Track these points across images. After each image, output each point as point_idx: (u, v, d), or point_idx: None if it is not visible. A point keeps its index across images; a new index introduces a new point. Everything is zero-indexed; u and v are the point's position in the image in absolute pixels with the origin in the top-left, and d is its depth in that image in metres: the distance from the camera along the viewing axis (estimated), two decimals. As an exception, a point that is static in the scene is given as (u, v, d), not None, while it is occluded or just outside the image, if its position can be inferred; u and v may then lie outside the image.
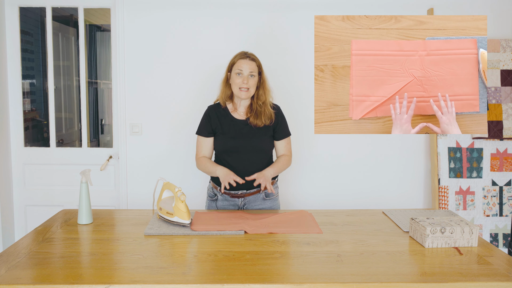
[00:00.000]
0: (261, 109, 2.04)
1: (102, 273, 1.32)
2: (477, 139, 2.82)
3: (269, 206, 2.13)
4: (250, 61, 2.00)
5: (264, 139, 2.07)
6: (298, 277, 1.31)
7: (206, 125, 2.09)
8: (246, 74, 1.99)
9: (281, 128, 2.12)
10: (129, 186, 2.87)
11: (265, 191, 2.11)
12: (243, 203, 2.09)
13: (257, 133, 2.05)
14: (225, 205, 2.11)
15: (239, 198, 2.09)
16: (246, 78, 1.99)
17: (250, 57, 2.02)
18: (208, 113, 2.11)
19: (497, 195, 2.83)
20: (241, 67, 1.99)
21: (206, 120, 2.10)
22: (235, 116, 2.08)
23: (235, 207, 2.11)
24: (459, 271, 1.36)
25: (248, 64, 1.99)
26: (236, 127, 2.06)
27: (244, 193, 2.08)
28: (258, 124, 2.04)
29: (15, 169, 2.90)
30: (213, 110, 2.11)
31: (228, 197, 2.10)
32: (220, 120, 2.08)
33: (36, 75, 3.51)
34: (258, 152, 2.06)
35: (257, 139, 2.05)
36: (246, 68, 1.99)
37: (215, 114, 2.09)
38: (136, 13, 2.74)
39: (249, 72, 1.99)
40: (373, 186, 2.91)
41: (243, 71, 1.99)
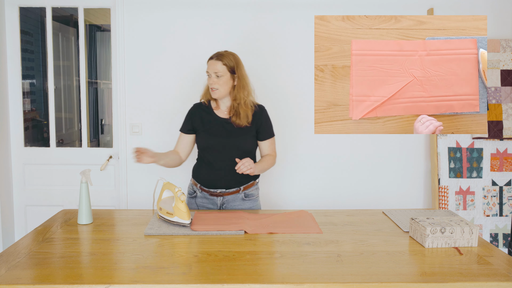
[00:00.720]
0: (240, 109, 2.04)
1: (102, 273, 1.32)
2: (477, 139, 2.82)
3: (249, 206, 2.12)
4: (215, 62, 2.00)
5: (246, 138, 2.06)
6: (298, 277, 1.31)
7: (187, 122, 2.13)
8: (212, 75, 2.01)
9: (265, 128, 2.11)
10: (129, 186, 2.87)
11: (244, 192, 2.10)
12: (222, 202, 2.09)
13: (239, 132, 2.05)
14: (204, 203, 2.11)
15: (217, 196, 2.09)
16: (213, 79, 2.00)
17: (217, 58, 2.00)
18: (192, 111, 2.14)
19: (497, 195, 2.83)
20: (208, 68, 2.02)
21: (188, 117, 2.14)
22: (218, 114, 2.10)
23: (214, 206, 2.10)
24: (459, 271, 1.36)
25: (213, 65, 2.00)
26: (219, 125, 2.07)
27: (223, 192, 2.08)
28: (239, 123, 2.04)
29: (15, 169, 2.90)
30: (197, 108, 2.14)
31: (207, 195, 2.09)
32: (203, 118, 2.09)
33: (36, 75, 3.51)
34: (240, 151, 2.04)
35: (239, 138, 2.05)
36: (211, 69, 2.01)
37: (199, 111, 2.12)
38: (136, 13, 2.74)
39: (214, 72, 2.00)
40: (373, 186, 2.91)
41: (210, 72, 2.01)
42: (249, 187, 2.12)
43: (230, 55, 2.03)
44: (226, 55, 2.02)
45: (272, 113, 2.82)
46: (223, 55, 2.02)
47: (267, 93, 2.79)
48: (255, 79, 2.80)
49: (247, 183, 2.10)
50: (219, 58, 2.00)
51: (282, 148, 2.85)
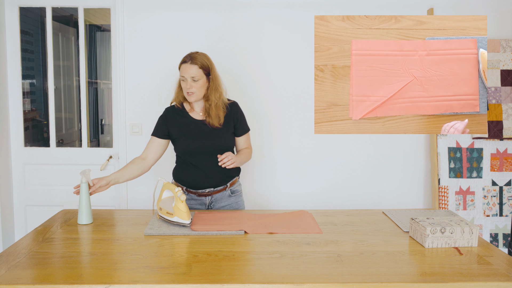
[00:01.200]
0: (210, 111, 2.00)
1: (102, 273, 1.32)
2: (477, 139, 2.82)
3: (235, 201, 2.13)
4: (190, 65, 1.92)
5: (226, 136, 2.04)
6: (298, 277, 1.31)
7: (161, 126, 2.05)
8: (189, 80, 1.94)
9: (241, 124, 2.09)
10: (129, 186, 2.87)
11: (230, 188, 2.10)
12: (210, 201, 2.09)
13: (219, 132, 2.02)
14: (192, 204, 2.09)
15: (206, 196, 2.08)
16: (190, 84, 1.94)
17: (192, 61, 1.93)
18: (165, 115, 2.07)
19: (497, 195, 2.83)
20: (183, 72, 1.94)
21: (161, 121, 2.06)
22: (193, 117, 2.05)
23: (202, 206, 2.09)
24: (459, 271, 1.36)
25: (188, 69, 1.92)
26: (197, 127, 2.03)
27: (212, 191, 2.08)
28: (214, 124, 2.00)
29: (15, 169, 2.90)
30: (171, 112, 2.07)
31: (195, 196, 2.09)
32: (179, 122, 2.04)
33: (36, 75, 3.51)
34: (223, 150, 2.00)
35: (220, 138, 2.02)
36: (187, 74, 1.93)
37: (173, 116, 2.05)
38: (136, 13, 2.75)
39: (191, 76, 1.93)
40: (373, 186, 2.91)
41: (186, 77, 1.94)
42: (234, 183, 2.13)
43: (204, 56, 1.97)
44: (200, 58, 1.95)
45: (272, 113, 2.83)
46: (196, 58, 1.94)
47: (267, 93, 2.80)
48: (255, 79, 2.81)
49: (232, 180, 2.12)
50: (194, 62, 1.93)
51: (282, 148, 2.85)
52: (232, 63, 2.77)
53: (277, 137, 2.85)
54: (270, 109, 2.83)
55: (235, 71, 2.77)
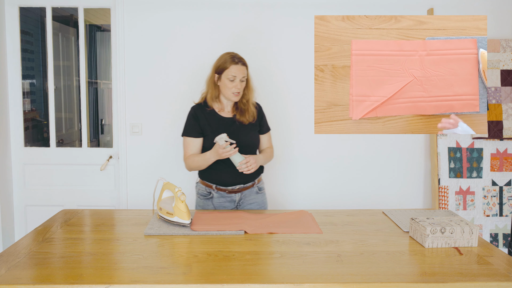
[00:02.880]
0: (245, 107, 2.09)
1: (102, 273, 1.32)
2: (477, 139, 2.82)
3: (261, 200, 2.19)
4: (241, 67, 2.02)
5: (253, 134, 2.12)
6: (298, 277, 1.31)
7: (194, 126, 2.08)
8: (239, 80, 2.01)
9: (264, 123, 2.21)
10: (129, 186, 2.87)
11: (257, 185, 2.17)
12: (240, 197, 2.11)
13: (245, 130, 2.09)
14: (221, 202, 2.11)
15: (236, 193, 2.10)
16: (239, 83, 2.02)
17: (242, 62, 2.03)
18: (195, 113, 2.10)
19: (497, 195, 2.83)
20: (234, 73, 2.00)
21: (193, 121, 2.09)
22: (222, 115, 2.10)
23: (231, 203, 2.12)
24: (459, 271, 1.36)
25: (240, 70, 2.01)
26: (225, 125, 2.08)
27: (242, 187, 2.10)
28: (244, 121, 2.08)
29: (15, 169, 2.90)
30: (199, 110, 2.10)
31: (225, 193, 2.10)
32: (208, 120, 2.08)
33: (36, 75, 3.51)
34: (249, 147, 2.08)
35: (247, 135, 2.08)
36: (239, 74, 2.00)
37: (202, 114, 2.09)
38: (136, 13, 2.75)
39: (241, 77, 2.02)
40: (373, 186, 2.91)
41: (237, 77, 2.00)
42: (260, 180, 2.21)
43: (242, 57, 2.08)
44: (244, 59, 2.06)
45: (272, 113, 2.82)
46: (243, 59, 2.05)
47: (267, 93, 2.79)
48: (255, 79, 2.80)
49: (259, 176, 2.19)
50: (244, 63, 2.04)
51: (282, 148, 2.85)
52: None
53: (277, 137, 2.85)
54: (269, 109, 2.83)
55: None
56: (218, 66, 2.04)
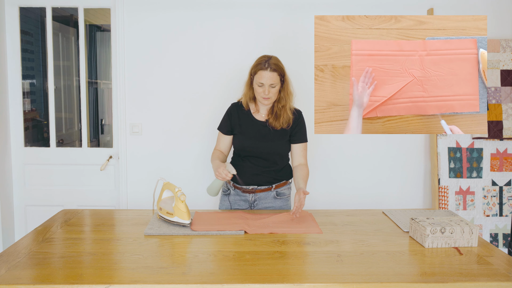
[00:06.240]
0: (280, 112, 2.03)
1: (102, 273, 1.32)
2: (477, 139, 2.82)
3: (280, 205, 2.14)
4: (270, 73, 1.94)
5: (281, 142, 2.06)
6: (298, 277, 1.31)
7: (226, 122, 2.12)
8: (267, 86, 1.96)
9: (299, 132, 2.10)
10: (129, 186, 2.87)
11: (276, 190, 2.12)
12: (253, 199, 2.11)
13: (275, 136, 2.05)
14: (236, 200, 2.13)
15: (249, 193, 2.11)
16: (268, 89, 1.96)
17: (271, 68, 1.94)
18: (230, 111, 2.13)
19: (497, 195, 2.83)
20: (262, 79, 1.95)
21: (227, 118, 2.13)
22: (256, 117, 2.09)
23: (245, 203, 2.12)
24: (459, 271, 1.36)
25: (269, 76, 1.94)
26: (255, 128, 2.07)
27: (255, 188, 2.10)
28: (276, 126, 2.04)
29: (15, 169, 2.90)
30: (235, 109, 2.12)
31: (240, 192, 2.12)
32: (241, 120, 2.09)
33: (36, 75, 3.51)
34: (273, 154, 2.06)
35: (274, 142, 2.05)
36: (267, 80, 1.94)
37: (237, 113, 2.11)
38: (136, 13, 2.74)
39: (270, 84, 1.95)
40: (373, 186, 2.91)
41: (264, 83, 1.95)
42: (281, 186, 2.14)
43: (278, 61, 1.99)
44: (277, 64, 1.97)
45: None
46: (276, 64, 1.96)
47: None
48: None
49: (279, 182, 2.13)
50: (274, 69, 1.95)
51: (282, 148, 2.85)
52: (231, 62, 2.77)
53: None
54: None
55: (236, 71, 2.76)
56: (252, 68, 2.02)
